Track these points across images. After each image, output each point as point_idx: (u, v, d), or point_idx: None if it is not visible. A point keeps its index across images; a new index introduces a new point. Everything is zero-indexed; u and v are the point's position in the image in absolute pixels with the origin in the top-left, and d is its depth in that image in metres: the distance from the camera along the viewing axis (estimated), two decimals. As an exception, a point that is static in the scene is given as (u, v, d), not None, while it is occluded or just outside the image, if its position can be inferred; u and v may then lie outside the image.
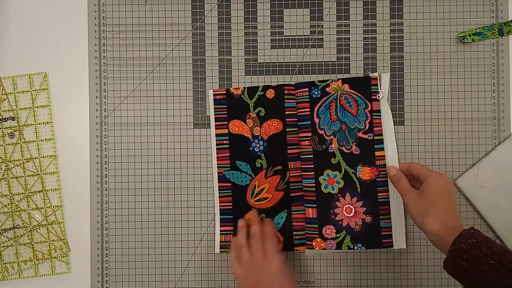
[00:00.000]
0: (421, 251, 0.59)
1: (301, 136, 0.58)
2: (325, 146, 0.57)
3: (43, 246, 0.60)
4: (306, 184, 0.58)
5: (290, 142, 0.58)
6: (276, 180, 0.58)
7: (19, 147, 0.60)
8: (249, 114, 0.59)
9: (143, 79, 0.61)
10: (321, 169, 0.58)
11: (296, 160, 0.58)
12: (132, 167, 0.60)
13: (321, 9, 0.60)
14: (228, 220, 0.59)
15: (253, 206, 0.58)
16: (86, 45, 0.61)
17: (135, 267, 0.60)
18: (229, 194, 0.59)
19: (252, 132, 0.58)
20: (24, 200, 0.60)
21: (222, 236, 0.59)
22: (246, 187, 0.59)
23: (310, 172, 0.58)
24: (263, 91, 0.59)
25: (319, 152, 0.57)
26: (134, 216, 0.60)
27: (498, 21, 0.60)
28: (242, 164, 0.59)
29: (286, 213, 0.58)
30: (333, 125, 0.57)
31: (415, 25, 0.60)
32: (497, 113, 0.59)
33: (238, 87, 0.59)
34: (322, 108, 0.58)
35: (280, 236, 0.57)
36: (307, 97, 0.58)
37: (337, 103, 0.57)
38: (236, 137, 0.59)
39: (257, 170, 0.58)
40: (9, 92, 0.60)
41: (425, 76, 0.59)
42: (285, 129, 0.58)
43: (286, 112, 0.58)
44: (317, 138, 0.57)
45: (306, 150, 0.58)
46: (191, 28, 0.60)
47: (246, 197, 0.59)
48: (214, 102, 0.59)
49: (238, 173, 0.59)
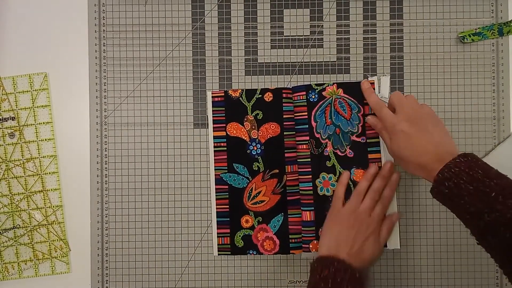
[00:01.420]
0: (421, 251, 0.59)
1: (298, 140, 0.58)
2: (321, 149, 0.58)
3: (43, 246, 0.60)
4: (303, 187, 0.58)
5: (288, 146, 0.58)
6: (273, 183, 0.58)
7: (19, 147, 0.60)
8: (247, 117, 0.59)
9: (143, 79, 0.61)
10: (317, 172, 0.58)
11: (293, 164, 0.58)
12: (132, 167, 0.60)
13: (321, 9, 0.60)
14: (225, 223, 0.59)
15: (250, 208, 0.58)
16: (86, 45, 0.61)
17: (135, 267, 0.60)
18: (226, 197, 0.59)
19: (249, 135, 0.59)
20: (24, 200, 0.60)
21: (220, 239, 0.59)
22: (243, 190, 0.59)
23: (307, 175, 0.58)
24: (261, 94, 0.59)
25: (315, 155, 0.58)
26: (134, 216, 0.60)
27: (498, 21, 0.60)
28: (240, 166, 0.59)
29: (283, 216, 0.58)
30: (328, 129, 0.58)
31: (415, 25, 0.60)
32: (497, 113, 0.59)
33: (237, 89, 0.59)
34: (318, 112, 0.58)
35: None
36: (304, 101, 0.58)
37: (332, 107, 0.58)
38: (233, 140, 0.59)
39: (254, 173, 0.58)
40: (9, 92, 0.60)
41: (425, 76, 0.59)
42: (283, 133, 0.58)
43: (284, 115, 0.58)
44: (314, 141, 0.58)
45: (303, 153, 0.58)
46: (191, 28, 0.60)
47: (243, 200, 0.59)
48: (212, 104, 0.59)
49: (235, 175, 0.59)
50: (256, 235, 0.58)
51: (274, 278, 0.60)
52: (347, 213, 0.54)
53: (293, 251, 0.58)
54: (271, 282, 0.60)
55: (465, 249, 0.59)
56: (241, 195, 0.59)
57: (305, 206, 0.58)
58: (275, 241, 0.58)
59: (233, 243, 0.59)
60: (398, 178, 0.56)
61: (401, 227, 0.59)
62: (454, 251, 0.59)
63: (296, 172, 0.58)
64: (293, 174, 0.58)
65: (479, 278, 0.58)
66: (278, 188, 0.58)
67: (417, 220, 0.59)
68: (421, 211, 0.59)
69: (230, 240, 0.59)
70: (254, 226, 0.58)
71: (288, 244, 0.58)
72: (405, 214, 0.59)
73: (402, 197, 0.59)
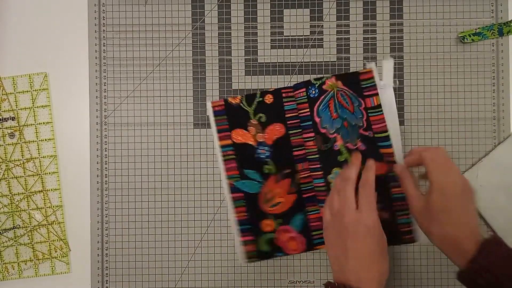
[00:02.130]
0: (421, 251, 0.59)
1: (305, 137, 0.58)
2: (330, 144, 0.57)
3: (43, 246, 0.60)
4: (317, 184, 0.57)
5: (295, 144, 0.58)
6: (286, 183, 0.58)
7: (19, 147, 0.60)
8: (251, 122, 0.58)
9: (143, 79, 0.61)
10: (329, 168, 0.57)
11: (304, 161, 0.58)
12: (132, 167, 0.60)
13: (321, 9, 0.60)
14: (247, 230, 0.58)
15: (268, 212, 0.58)
16: (86, 45, 0.61)
17: (135, 267, 0.60)
18: (243, 204, 0.58)
19: (255, 139, 0.58)
20: (24, 200, 0.60)
21: (244, 247, 0.57)
22: (258, 195, 0.58)
23: (319, 172, 0.57)
24: (261, 97, 0.58)
25: (324, 151, 0.57)
26: (134, 216, 0.60)
27: (498, 21, 0.60)
28: (251, 172, 0.58)
29: (303, 215, 0.58)
30: (335, 123, 0.57)
31: (415, 25, 0.60)
32: (497, 113, 0.59)
33: (236, 96, 0.58)
34: (321, 107, 0.57)
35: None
36: (305, 98, 0.57)
37: (335, 100, 0.56)
38: (240, 146, 0.58)
39: (266, 176, 0.58)
40: (9, 92, 0.60)
41: (425, 76, 0.60)
42: (288, 132, 0.58)
43: (286, 115, 0.58)
44: (320, 137, 0.57)
45: (311, 150, 0.57)
46: (191, 28, 0.61)
47: (259, 204, 0.58)
48: (214, 113, 0.58)
49: (248, 181, 0.58)
50: (279, 237, 0.57)
51: (274, 278, 0.60)
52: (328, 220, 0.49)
53: (318, 247, 0.57)
54: (271, 282, 0.60)
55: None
56: (257, 200, 0.58)
57: (322, 202, 0.57)
58: (299, 240, 0.57)
59: (259, 249, 0.57)
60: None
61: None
62: (454, 251, 0.59)
63: (308, 169, 0.57)
64: (305, 172, 0.58)
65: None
66: (293, 188, 0.58)
67: (417, 220, 0.59)
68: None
69: (255, 247, 0.57)
70: (276, 228, 0.58)
71: (312, 241, 0.57)
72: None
73: (402, 197, 0.59)
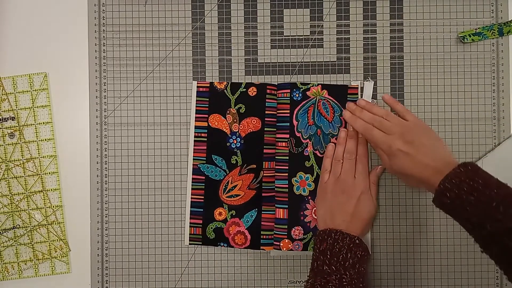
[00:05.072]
0: (421, 251, 0.59)
1: (278, 137, 0.58)
2: (301, 148, 0.58)
3: (43, 246, 0.60)
4: (278, 185, 0.58)
5: (267, 142, 0.59)
6: (249, 178, 0.59)
7: (19, 147, 0.60)
8: (230, 110, 0.59)
9: (143, 79, 0.61)
10: (294, 171, 0.58)
11: (271, 160, 0.58)
12: (132, 167, 0.60)
13: (321, 9, 0.60)
14: (198, 213, 0.59)
15: (225, 201, 0.59)
16: (86, 45, 0.61)
17: (135, 267, 0.60)
18: (201, 187, 0.59)
19: (230, 128, 0.59)
20: (24, 200, 0.60)
21: (192, 228, 0.59)
22: (219, 182, 0.59)
23: (284, 173, 0.58)
24: (246, 88, 0.59)
25: (294, 154, 0.58)
26: (134, 216, 0.60)
27: (498, 21, 0.60)
28: (218, 158, 0.59)
29: (256, 212, 0.58)
30: (310, 129, 0.58)
31: (415, 25, 0.60)
32: (497, 113, 0.59)
33: (222, 81, 0.59)
34: (301, 112, 0.58)
35: None
36: (287, 99, 0.58)
37: (315, 108, 0.58)
38: (214, 131, 0.59)
39: (231, 167, 0.59)
40: (9, 92, 0.60)
41: (425, 76, 0.59)
42: (263, 129, 0.58)
43: (266, 111, 0.59)
44: (294, 140, 0.58)
45: (281, 151, 0.58)
46: (191, 28, 0.60)
47: (218, 192, 0.59)
48: (197, 94, 0.59)
49: (213, 167, 0.59)
50: (228, 228, 0.59)
51: (274, 278, 0.60)
52: (332, 182, 0.55)
53: (263, 248, 0.58)
54: (271, 282, 0.60)
55: (465, 249, 0.59)
56: (217, 187, 0.59)
57: (279, 203, 0.58)
58: (246, 236, 0.58)
59: (205, 234, 0.59)
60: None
61: (402, 227, 0.59)
62: (454, 251, 0.59)
63: (273, 169, 0.58)
64: (270, 171, 0.58)
65: (479, 278, 0.58)
66: (254, 184, 0.59)
67: (417, 220, 0.59)
68: (421, 211, 0.59)
69: (201, 231, 0.59)
70: (227, 219, 0.59)
71: (259, 240, 0.58)
72: (405, 214, 0.59)
73: (402, 197, 0.59)
